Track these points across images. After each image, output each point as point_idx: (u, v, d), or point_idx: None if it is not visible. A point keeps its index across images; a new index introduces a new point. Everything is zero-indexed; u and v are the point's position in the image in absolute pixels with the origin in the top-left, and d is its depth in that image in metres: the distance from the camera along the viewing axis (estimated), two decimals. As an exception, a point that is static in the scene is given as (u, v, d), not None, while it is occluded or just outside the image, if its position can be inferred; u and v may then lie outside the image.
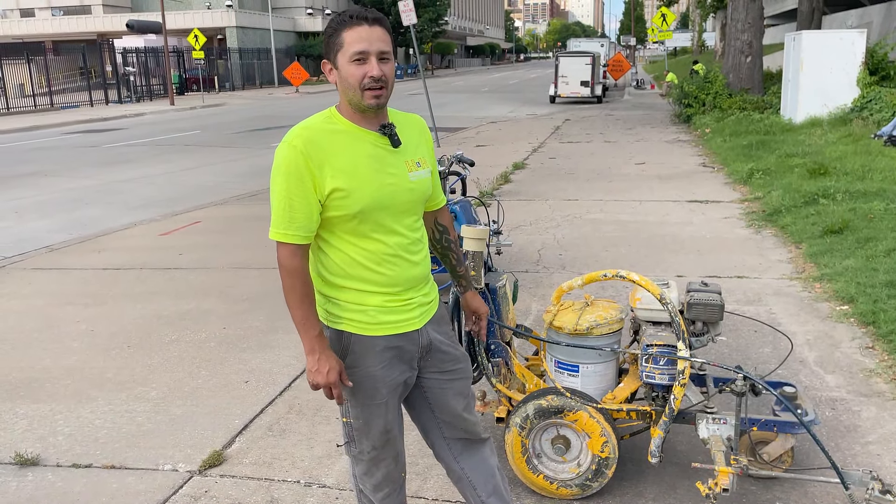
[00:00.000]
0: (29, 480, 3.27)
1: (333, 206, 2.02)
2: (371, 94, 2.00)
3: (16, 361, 4.63)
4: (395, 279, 2.11)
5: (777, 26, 39.82)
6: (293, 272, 2.03)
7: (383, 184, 2.05)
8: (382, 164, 2.06)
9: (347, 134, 2.05)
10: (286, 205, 2.00)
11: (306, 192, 1.99)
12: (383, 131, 2.08)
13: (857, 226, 6.51)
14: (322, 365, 2.04)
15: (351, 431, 2.21)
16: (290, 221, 2.00)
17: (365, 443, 2.21)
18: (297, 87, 40.04)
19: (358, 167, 2.02)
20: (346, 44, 1.98)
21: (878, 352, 4.26)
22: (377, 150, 2.07)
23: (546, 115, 22.17)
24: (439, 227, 2.39)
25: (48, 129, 22.69)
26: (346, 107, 2.08)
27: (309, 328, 2.04)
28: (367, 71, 1.98)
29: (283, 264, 2.03)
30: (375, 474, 2.26)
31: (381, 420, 2.17)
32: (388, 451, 2.24)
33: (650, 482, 3.09)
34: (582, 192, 9.55)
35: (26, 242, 8.02)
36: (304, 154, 1.98)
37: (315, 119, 2.07)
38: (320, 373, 2.04)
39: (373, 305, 2.10)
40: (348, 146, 2.03)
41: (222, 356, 4.61)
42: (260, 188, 10.88)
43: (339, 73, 2.02)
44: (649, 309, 2.99)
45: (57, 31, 50.59)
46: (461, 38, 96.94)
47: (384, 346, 2.12)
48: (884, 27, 21.29)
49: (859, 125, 12.12)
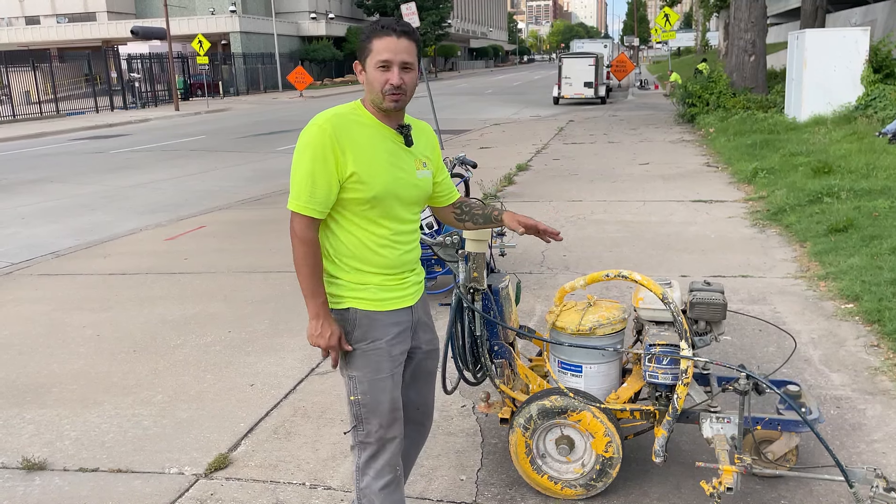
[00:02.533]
0: (36, 485, 3.29)
1: (350, 189, 2.21)
2: (391, 99, 2.22)
3: (23, 367, 4.66)
4: (393, 262, 2.30)
5: (780, 25, 39.73)
6: (307, 241, 2.21)
7: (396, 176, 2.26)
8: (396, 159, 2.28)
9: (370, 127, 2.26)
10: (309, 180, 2.18)
11: (329, 171, 2.18)
12: (401, 130, 2.31)
13: (862, 224, 6.49)
14: (325, 329, 2.24)
15: (359, 410, 2.32)
16: (310, 196, 2.18)
17: (373, 421, 2.31)
18: (302, 91, 40.11)
19: (376, 158, 2.23)
20: (374, 51, 2.20)
21: (884, 350, 4.25)
22: (393, 146, 2.29)
23: (550, 117, 22.18)
24: (455, 206, 2.60)
25: (54, 136, 22.80)
26: (369, 105, 2.29)
27: (317, 295, 2.24)
28: (388, 78, 2.20)
29: (298, 234, 2.21)
30: (380, 458, 2.35)
31: (388, 395, 2.31)
32: (395, 430, 2.35)
33: (654, 482, 3.09)
34: (586, 192, 9.55)
35: (33, 248, 8.06)
36: (332, 137, 2.17)
37: (344, 109, 2.27)
38: (322, 336, 2.24)
39: (374, 284, 2.29)
40: (370, 138, 2.24)
41: (227, 360, 4.63)
42: (265, 192, 10.91)
43: (367, 76, 2.24)
44: (652, 309, 2.99)
45: (62, 39, 50.82)
46: (464, 41, 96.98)
47: (387, 321, 2.30)
48: (888, 25, 21.22)
49: (863, 123, 12.08)
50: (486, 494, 3.07)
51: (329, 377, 4.28)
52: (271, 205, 9.85)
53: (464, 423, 3.66)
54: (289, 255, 7.12)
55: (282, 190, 11.02)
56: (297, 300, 5.69)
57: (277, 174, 12.84)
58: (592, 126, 18.46)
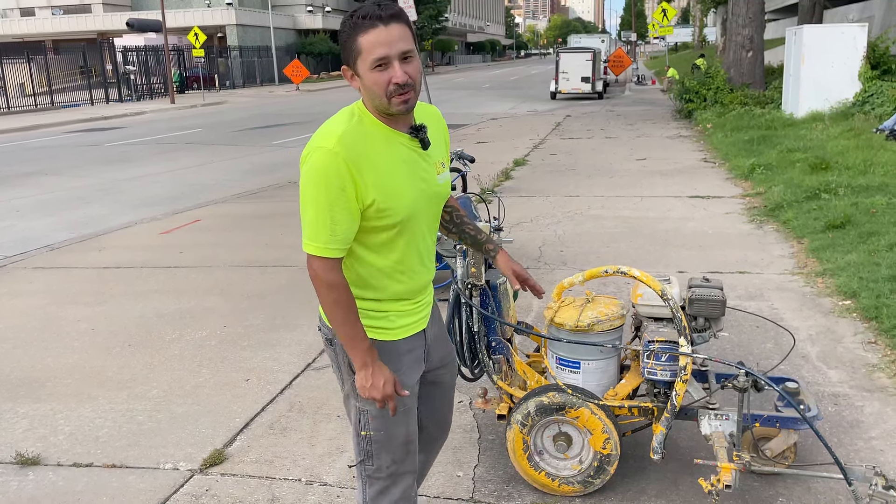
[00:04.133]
0: (30, 480, 3.27)
1: (373, 216, 1.90)
2: (399, 100, 1.86)
3: (17, 361, 4.63)
4: (413, 287, 2.07)
5: (778, 21, 39.73)
6: (336, 286, 1.91)
7: (418, 189, 1.96)
8: (416, 169, 1.97)
9: (381, 137, 1.92)
10: (328, 217, 1.85)
11: (349, 203, 1.85)
12: (415, 134, 1.96)
13: (860, 220, 6.49)
14: (377, 378, 1.96)
15: (369, 446, 2.10)
16: (331, 234, 1.86)
17: (384, 457, 2.10)
18: (298, 84, 40.02)
19: (396, 174, 1.91)
20: (364, 50, 1.82)
21: (881, 347, 4.24)
22: (410, 154, 1.97)
23: (547, 112, 22.15)
24: (447, 208, 2.37)
25: (49, 129, 22.69)
26: (372, 109, 1.94)
27: (358, 342, 1.94)
28: (390, 77, 1.83)
29: (322, 279, 1.90)
30: (392, 493, 2.14)
31: (403, 429, 2.10)
32: (409, 464, 2.15)
33: (652, 479, 3.08)
34: (583, 188, 9.53)
35: (27, 241, 8.02)
36: (347, 161, 1.83)
37: (346, 124, 1.89)
38: (376, 387, 1.96)
39: (393, 311, 2.05)
40: (384, 150, 1.91)
41: (223, 354, 4.60)
42: (261, 186, 10.88)
43: (362, 80, 1.87)
44: (651, 305, 2.98)
45: (57, 31, 50.59)
46: (461, 35, 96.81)
47: (405, 349, 2.08)
48: (885, 21, 21.23)
49: (861, 120, 12.09)
50: (483, 491, 3.05)
51: (326, 372, 4.26)
52: (268, 199, 9.82)
53: (461, 420, 3.65)
54: (284, 248, 7.13)
55: (278, 184, 10.99)
56: (294, 295, 5.66)
57: (274, 168, 12.80)
58: (590, 121, 18.44)
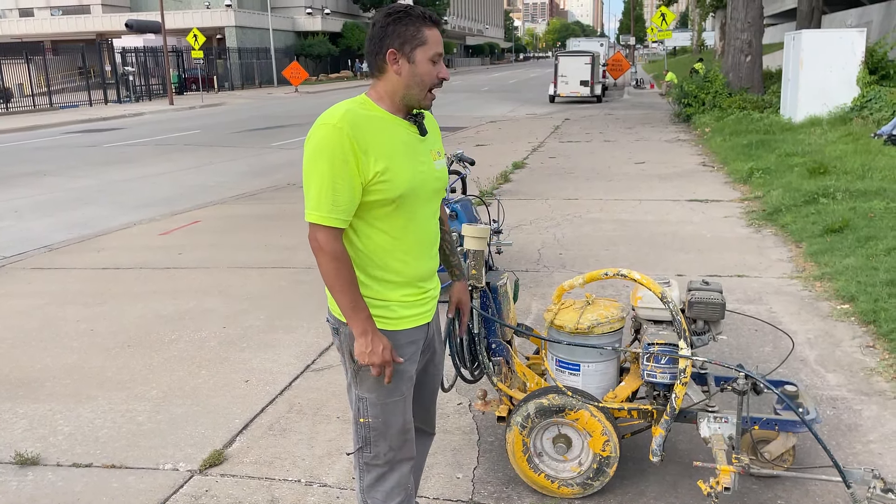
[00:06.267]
0: (29, 480, 3.27)
1: (375, 190, 2.02)
2: (432, 96, 2.09)
3: (16, 361, 4.62)
4: (417, 270, 2.15)
5: (777, 25, 39.81)
6: (337, 255, 2.02)
7: (417, 170, 2.09)
8: (415, 152, 2.11)
9: (383, 120, 2.07)
10: (330, 187, 1.98)
11: (351, 175, 1.98)
12: (413, 119, 2.12)
13: (858, 225, 6.51)
14: (376, 345, 2.05)
15: (368, 433, 2.18)
16: (333, 204, 1.99)
17: (381, 444, 2.18)
18: (297, 86, 40.01)
19: (396, 152, 2.05)
20: (428, 42, 2.03)
21: (879, 350, 4.26)
22: (410, 137, 2.11)
23: (546, 115, 22.17)
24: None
25: (47, 129, 22.68)
26: (386, 98, 2.09)
27: (359, 310, 2.04)
28: (439, 72, 2.07)
29: (324, 248, 2.01)
30: (389, 480, 2.21)
31: (401, 417, 2.18)
32: (405, 452, 2.22)
33: (651, 481, 3.08)
34: (582, 191, 9.55)
35: (26, 242, 8.01)
36: (350, 136, 1.97)
37: (352, 104, 2.06)
38: (375, 353, 2.05)
39: (394, 300, 2.13)
40: (385, 131, 2.05)
41: (222, 355, 4.60)
42: (260, 188, 10.87)
43: (415, 67, 2.04)
44: (650, 308, 2.98)
45: (56, 31, 50.52)
46: (460, 38, 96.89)
47: (404, 340, 2.16)
48: (883, 26, 21.28)
49: (859, 124, 12.11)
50: (482, 493, 3.06)
51: (325, 373, 4.26)
52: (266, 200, 9.82)
53: (460, 421, 3.65)
54: (284, 250, 7.13)
55: (277, 185, 10.99)
56: (293, 296, 5.67)
57: (273, 169, 12.80)
58: (588, 124, 18.47)
